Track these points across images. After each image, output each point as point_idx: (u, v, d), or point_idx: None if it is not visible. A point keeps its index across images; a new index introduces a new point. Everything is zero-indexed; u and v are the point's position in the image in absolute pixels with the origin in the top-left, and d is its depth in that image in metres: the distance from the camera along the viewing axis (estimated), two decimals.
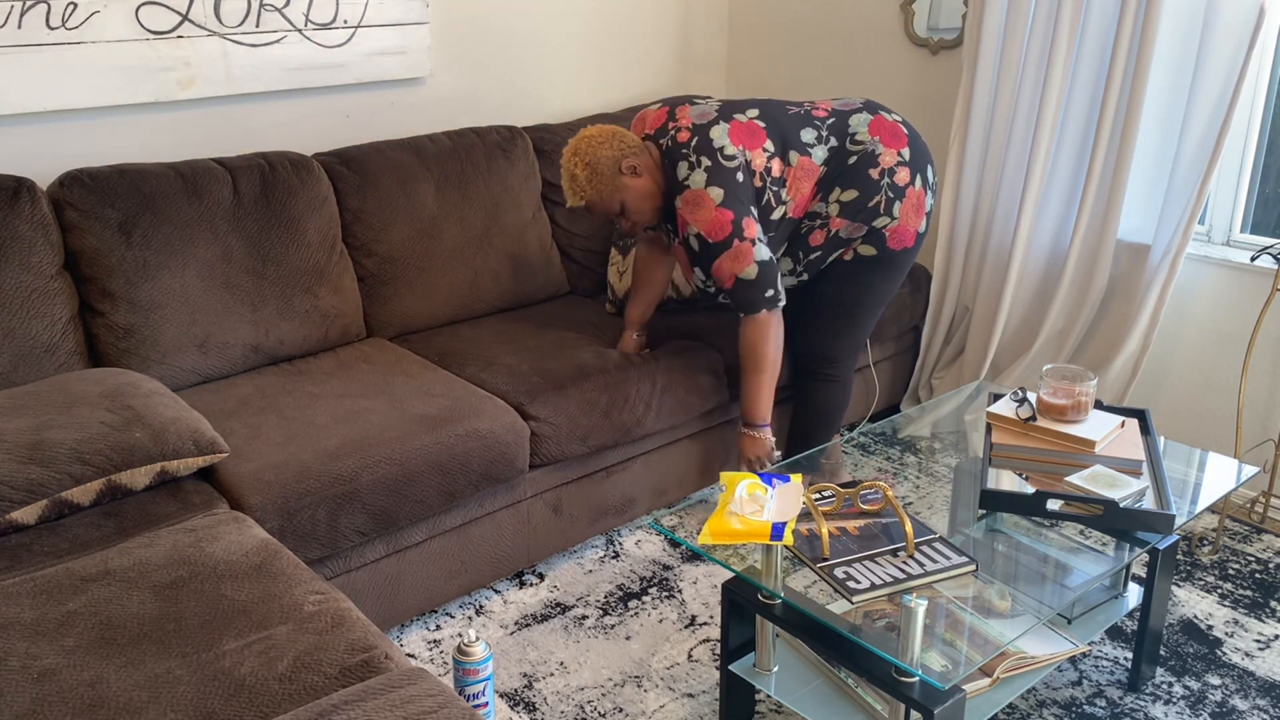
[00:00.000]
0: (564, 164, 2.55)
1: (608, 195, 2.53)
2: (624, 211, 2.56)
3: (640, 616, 2.54)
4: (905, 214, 2.61)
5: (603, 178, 2.51)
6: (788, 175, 2.57)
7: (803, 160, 2.58)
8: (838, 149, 2.59)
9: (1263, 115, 2.85)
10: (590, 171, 2.50)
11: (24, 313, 2.33)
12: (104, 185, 2.45)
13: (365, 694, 1.47)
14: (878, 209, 2.58)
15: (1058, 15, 2.91)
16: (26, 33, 2.45)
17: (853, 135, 2.60)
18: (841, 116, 2.63)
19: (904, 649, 1.70)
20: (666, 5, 3.74)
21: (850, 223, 2.60)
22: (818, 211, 2.61)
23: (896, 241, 2.63)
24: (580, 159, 2.51)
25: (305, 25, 2.87)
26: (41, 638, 1.62)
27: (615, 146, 2.52)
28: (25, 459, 1.91)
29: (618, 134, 2.54)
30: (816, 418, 2.83)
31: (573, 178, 2.53)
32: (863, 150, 2.58)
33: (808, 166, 2.58)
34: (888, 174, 2.57)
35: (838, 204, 2.59)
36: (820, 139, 2.59)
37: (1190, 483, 2.25)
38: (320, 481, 2.16)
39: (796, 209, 2.60)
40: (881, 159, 2.58)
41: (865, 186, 2.57)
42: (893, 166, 2.58)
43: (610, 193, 2.53)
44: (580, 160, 2.51)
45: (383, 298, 2.87)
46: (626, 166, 2.52)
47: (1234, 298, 2.91)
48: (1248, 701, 2.27)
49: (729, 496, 2.00)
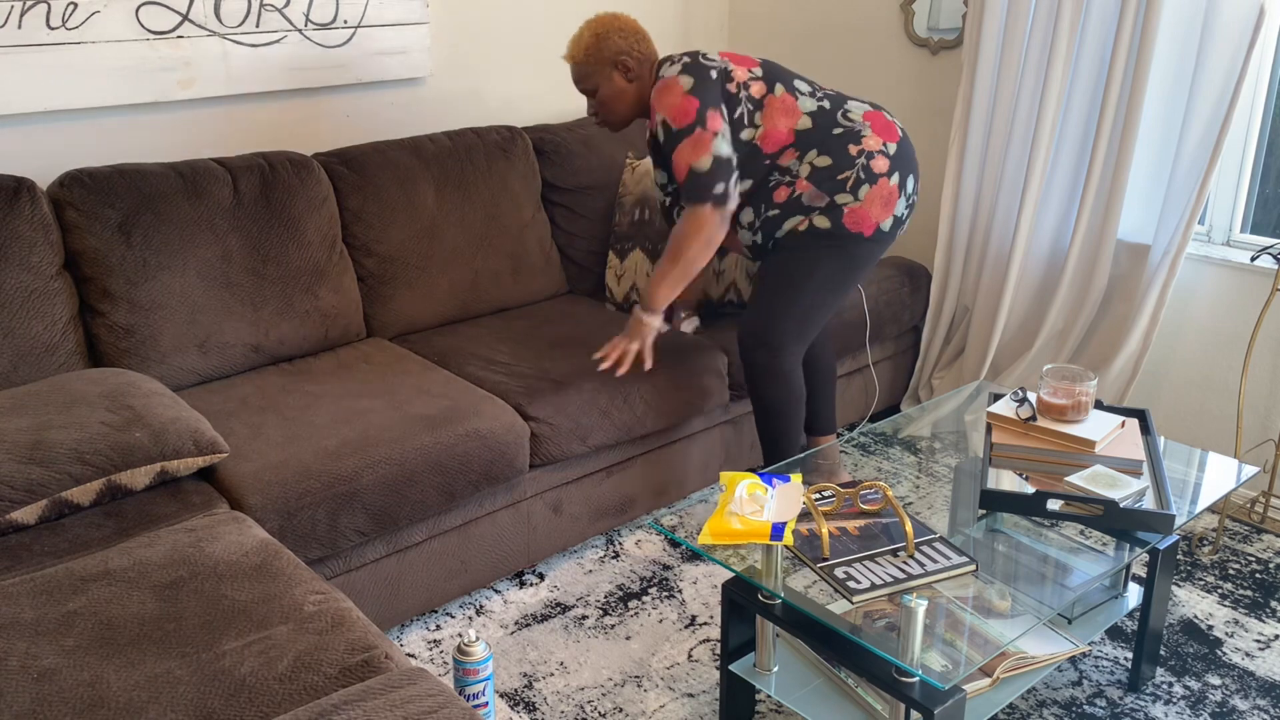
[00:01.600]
0: (585, 24, 2.64)
1: (591, 71, 2.60)
2: (597, 96, 2.63)
3: (640, 616, 2.54)
4: (870, 200, 2.55)
5: (599, 56, 2.58)
6: (766, 102, 2.57)
7: (786, 96, 2.58)
8: (827, 112, 2.59)
9: (1263, 115, 2.85)
10: (595, 42, 2.58)
11: (24, 313, 2.33)
12: (104, 185, 2.45)
13: (365, 694, 1.47)
14: (844, 184, 2.54)
15: (1058, 15, 2.91)
16: (26, 33, 2.45)
17: (846, 111, 2.60)
18: (843, 96, 2.66)
19: (904, 649, 1.70)
20: (667, 5, 3.74)
21: (814, 189, 2.55)
22: (789, 168, 2.57)
23: (852, 222, 2.55)
24: (595, 28, 2.60)
25: (305, 25, 2.87)
26: (41, 638, 1.62)
27: (629, 42, 2.60)
28: (25, 459, 1.91)
29: (641, 37, 2.62)
30: (769, 420, 2.69)
31: (579, 37, 2.61)
32: (850, 127, 2.57)
33: (789, 104, 2.58)
34: (866, 155, 2.55)
35: (809, 165, 2.56)
36: (813, 94, 2.61)
37: (1190, 483, 2.25)
38: (320, 481, 2.16)
39: (765, 140, 2.56)
40: (865, 141, 2.56)
41: (840, 158, 2.56)
42: (873, 152, 2.56)
43: (595, 71, 2.60)
44: (594, 29, 2.60)
45: (383, 298, 2.87)
46: (623, 62, 2.59)
47: (1234, 298, 2.91)
48: (1248, 701, 2.27)
49: (729, 496, 2.00)
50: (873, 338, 3.24)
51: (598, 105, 2.64)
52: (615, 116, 2.65)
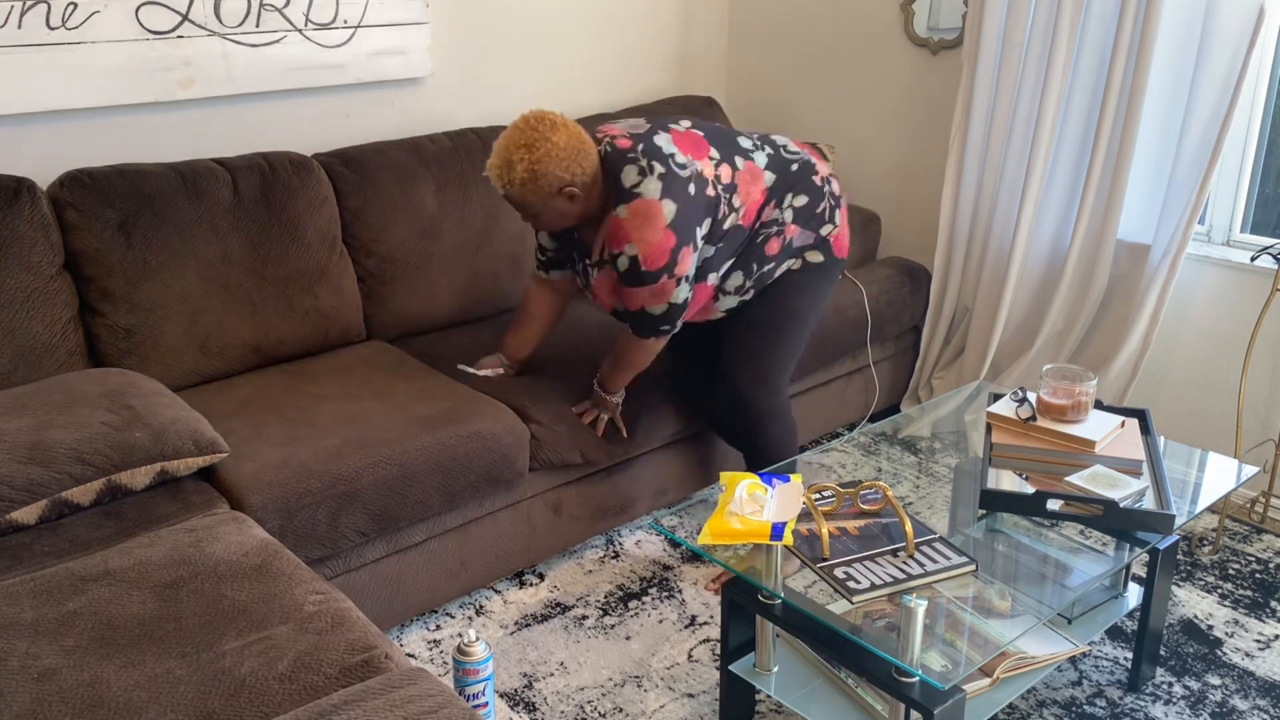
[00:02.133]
0: (508, 144, 2.25)
1: (531, 203, 2.30)
2: (534, 217, 2.35)
3: (640, 616, 2.54)
4: (843, 222, 2.59)
5: (539, 191, 2.26)
6: (737, 180, 2.43)
7: (748, 164, 2.46)
8: (776, 156, 2.52)
9: (1263, 115, 2.85)
10: (530, 177, 2.24)
11: (24, 313, 2.33)
12: (104, 185, 2.45)
13: (365, 694, 1.47)
14: (824, 216, 2.54)
15: (1058, 15, 2.91)
16: (26, 33, 2.45)
17: (784, 146, 2.56)
18: (767, 134, 2.61)
19: (904, 649, 1.70)
20: (666, 5, 3.74)
21: (803, 230, 2.52)
22: (774, 219, 2.49)
23: (839, 248, 2.58)
24: (529, 161, 2.23)
25: (305, 25, 2.87)
26: (41, 638, 1.62)
27: (569, 168, 2.26)
28: (25, 459, 1.91)
29: (580, 152, 2.28)
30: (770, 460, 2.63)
31: (509, 166, 2.24)
32: (799, 159, 2.54)
33: (753, 170, 2.46)
34: (827, 182, 2.57)
35: (791, 209, 2.50)
36: (756, 146, 2.51)
37: (1190, 483, 2.25)
38: (321, 482, 2.16)
39: (747, 216, 2.46)
40: (818, 167, 2.57)
41: (812, 192, 2.53)
42: (827, 176, 2.58)
43: (535, 203, 2.30)
44: (528, 163, 2.23)
45: (383, 298, 2.87)
46: (568, 193, 2.28)
47: (1234, 298, 2.91)
48: (1248, 701, 2.27)
49: (729, 496, 2.00)
50: (873, 338, 3.24)
51: (539, 223, 2.38)
52: (555, 226, 2.39)
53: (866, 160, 3.68)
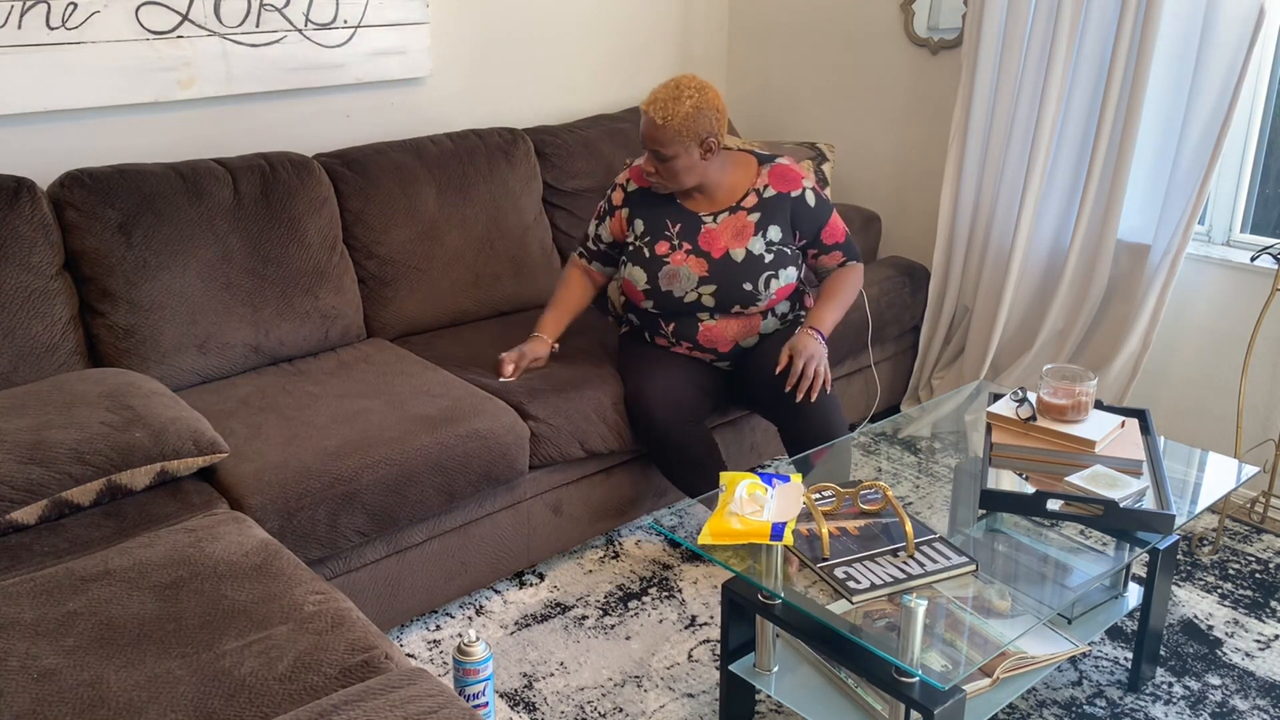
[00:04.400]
0: (679, 82, 2.53)
1: (676, 140, 2.51)
2: (667, 162, 2.55)
3: (640, 616, 2.54)
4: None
5: (691, 129, 2.51)
6: None
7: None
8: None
9: (1263, 115, 2.85)
10: (693, 113, 2.50)
11: (24, 313, 2.33)
12: (104, 185, 2.45)
13: (365, 694, 1.47)
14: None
15: (1058, 15, 2.91)
16: (26, 33, 2.45)
17: None
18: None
19: (904, 649, 1.70)
20: (666, 5, 3.74)
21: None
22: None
23: None
24: (696, 100, 2.51)
25: (305, 25, 2.87)
26: (41, 638, 1.62)
27: (718, 124, 2.55)
28: (25, 459, 1.91)
29: (724, 119, 2.59)
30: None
31: (674, 99, 2.50)
32: None
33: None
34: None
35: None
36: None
37: (1190, 483, 2.25)
38: (320, 481, 2.16)
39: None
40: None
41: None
42: None
43: (679, 141, 2.52)
44: (694, 100, 2.50)
45: (383, 299, 2.87)
46: (708, 143, 2.55)
47: (1234, 298, 2.91)
48: (1248, 701, 2.27)
49: (729, 496, 2.00)
50: (873, 338, 3.24)
51: (663, 170, 2.58)
52: (676, 183, 2.60)
53: (866, 160, 3.68)
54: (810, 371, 2.53)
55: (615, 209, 2.74)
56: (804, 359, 2.53)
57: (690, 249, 2.63)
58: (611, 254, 2.79)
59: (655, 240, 2.67)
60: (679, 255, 2.64)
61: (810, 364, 2.53)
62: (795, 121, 3.84)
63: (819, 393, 2.57)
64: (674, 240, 2.65)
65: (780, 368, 2.55)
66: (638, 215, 2.70)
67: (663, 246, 2.66)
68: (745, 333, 2.69)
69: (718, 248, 2.62)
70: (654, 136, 2.53)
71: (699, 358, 2.74)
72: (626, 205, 2.72)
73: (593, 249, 2.80)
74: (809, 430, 2.58)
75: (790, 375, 2.53)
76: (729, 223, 2.63)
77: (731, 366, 2.76)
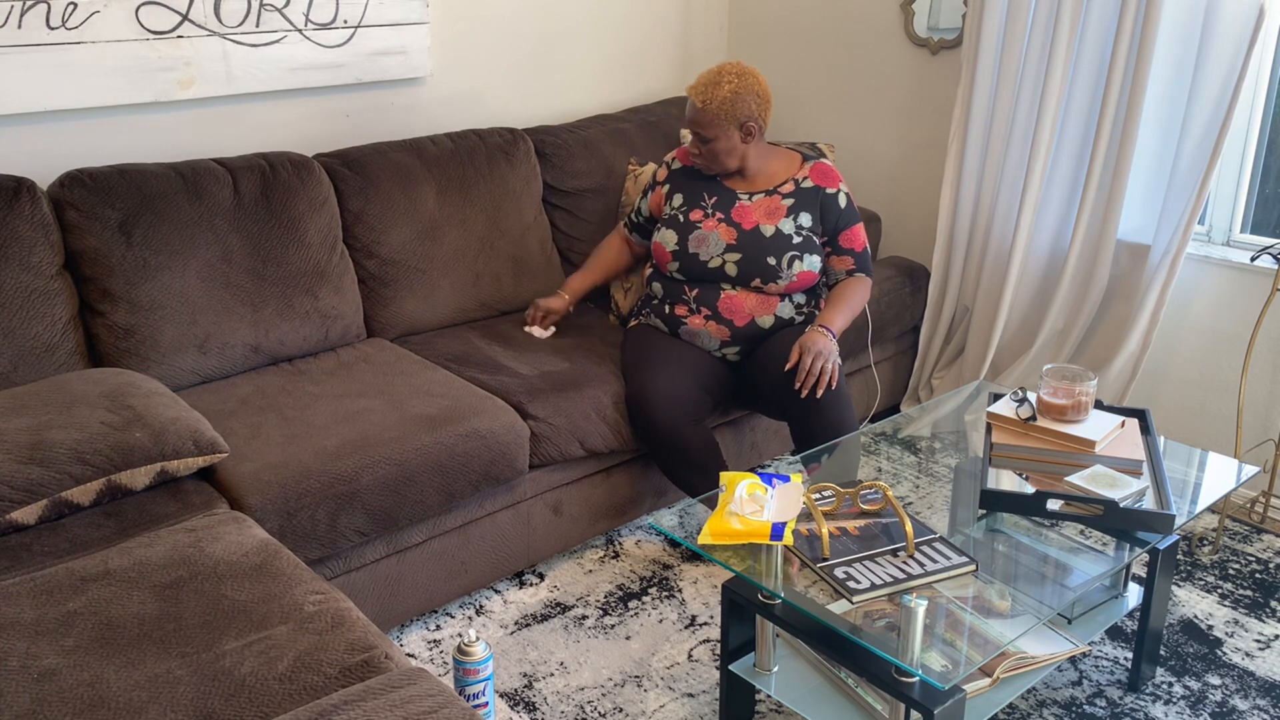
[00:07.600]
0: (721, 69, 2.65)
1: (716, 123, 2.64)
2: (709, 144, 2.68)
3: (640, 616, 2.54)
4: None
5: (731, 113, 2.63)
6: None
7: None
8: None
9: (1263, 115, 2.85)
10: (732, 98, 2.61)
11: (24, 313, 2.33)
12: (104, 185, 2.45)
13: (365, 694, 1.47)
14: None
15: (1058, 15, 2.91)
16: (26, 33, 2.45)
17: None
18: None
19: (904, 649, 1.70)
20: (666, 5, 3.74)
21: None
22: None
23: None
24: (736, 84, 2.62)
25: (305, 25, 2.87)
26: (41, 638, 1.62)
27: (759, 109, 2.67)
28: (25, 459, 1.91)
29: (768, 105, 2.70)
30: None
31: (715, 83, 2.62)
32: None
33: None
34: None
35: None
36: None
37: (1190, 483, 2.25)
38: (320, 481, 2.16)
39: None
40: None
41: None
42: None
43: (719, 124, 2.64)
44: (734, 85, 2.62)
45: (384, 299, 2.87)
46: (749, 127, 2.66)
47: (1234, 298, 2.91)
48: (1248, 701, 2.27)
49: (729, 496, 2.00)
50: (873, 338, 3.24)
51: (705, 151, 2.71)
52: (718, 165, 2.73)
53: (866, 160, 3.68)
54: (819, 368, 2.54)
55: (657, 184, 2.90)
56: (813, 355, 2.55)
57: (722, 218, 2.75)
58: (649, 227, 2.94)
59: (690, 209, 2.79)
60: (711, 222, 2.75)
61: (819, 360, 2.54)
62: (795, 121, 3.84)
63: (829, 389, 2.57)
64: (708, 209, 2.77)
65: (790, 364, 2.56)
66: (677, 190, 2.83)
67: (697, 214, 2.77)
68: (762, 309, 2.73)
69: (749, 221, 2.73)
70: (695, 119, 2.67)
71: (707, 349, 2.75)
72: (668, 182, 2.86)
73: (634, 220, 2.98)
74: (819, 427, 2.59)
75: (799, 371, 2.54)
76: (764, 203, 2.75)
77: (740, 356, 2.76)
